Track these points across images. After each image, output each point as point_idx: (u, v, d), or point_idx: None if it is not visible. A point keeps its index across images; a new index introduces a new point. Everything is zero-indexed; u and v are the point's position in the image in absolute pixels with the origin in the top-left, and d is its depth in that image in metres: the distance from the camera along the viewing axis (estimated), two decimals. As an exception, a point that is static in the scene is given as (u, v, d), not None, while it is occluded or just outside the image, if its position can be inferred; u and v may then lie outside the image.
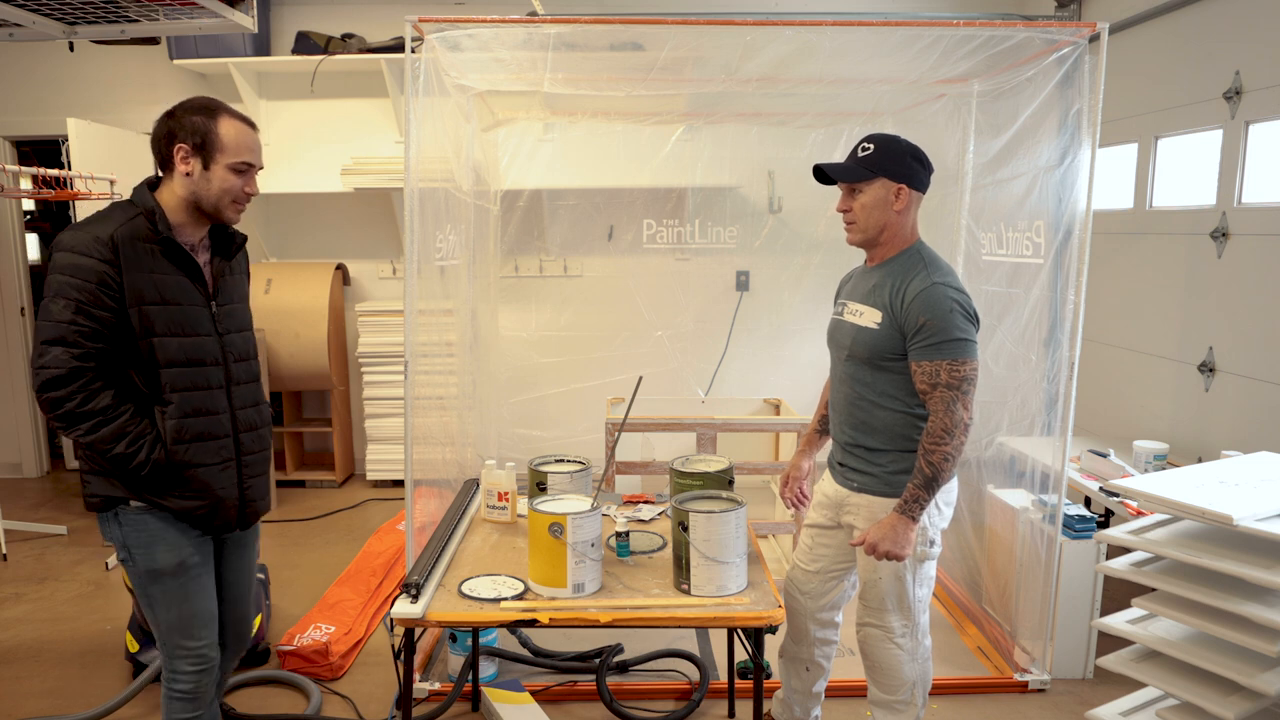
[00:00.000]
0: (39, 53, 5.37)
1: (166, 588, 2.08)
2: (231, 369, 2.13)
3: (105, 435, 1.94)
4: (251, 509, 2.21)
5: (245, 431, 2.16)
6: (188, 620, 2.11)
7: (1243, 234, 3.47)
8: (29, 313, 5.66)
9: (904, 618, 2.36)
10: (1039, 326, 3.25)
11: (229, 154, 2.02)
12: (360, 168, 5.18)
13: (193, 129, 2.00)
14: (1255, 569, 1.91)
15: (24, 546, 4.50)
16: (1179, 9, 3.88)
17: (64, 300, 1.89)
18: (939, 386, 2.14)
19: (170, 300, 2.00)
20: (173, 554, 2.06)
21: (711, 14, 5.03)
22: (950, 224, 3.94)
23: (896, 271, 2.26)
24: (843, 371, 2.37)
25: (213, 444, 2.07)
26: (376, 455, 5.43)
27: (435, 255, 3.07)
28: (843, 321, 2.37)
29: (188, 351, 2.03)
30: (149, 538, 2.05)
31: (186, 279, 2.04)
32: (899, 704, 2.42)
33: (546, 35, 2.93)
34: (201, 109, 2.02)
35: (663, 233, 4.90)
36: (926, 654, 2.42)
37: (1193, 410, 3.75)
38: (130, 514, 2.04)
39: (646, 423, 3.86)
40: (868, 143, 2.24)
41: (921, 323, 2.15)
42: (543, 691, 2.98)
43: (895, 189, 2.23)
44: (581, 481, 2.61)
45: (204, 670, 2.14)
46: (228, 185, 2.03)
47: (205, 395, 2.06)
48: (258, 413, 2.22)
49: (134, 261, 1.94)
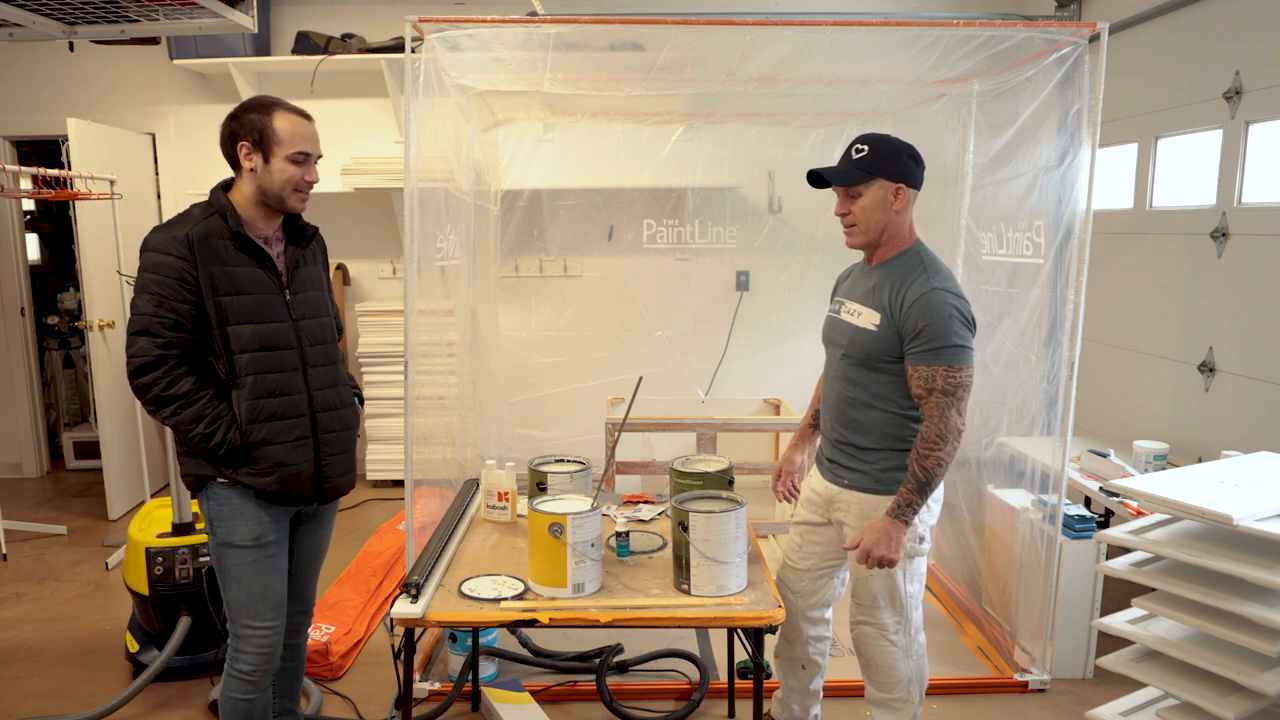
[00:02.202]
0: (39, 53, 5.37)
1: (239, 561, 2.20)
2: (307, 353, 2.25)
3: (186, 418, 2.10)
4: (329, 485, 2.32)
5: (323, 411, 2.28)
6: (255, 598, 2.22)
7: (1243, 234, 3.47)
8: (29, 313, 5.66)
9: (897, 614, 2.36)
10: (1039, 326, 3.25)
11: (285, 145, 2.15)
12: (360, 168, 5.18)
13: (251, 127, 2.14)
14: (1255, 569, 1.91)
15: (24, 546, 4.50)
16: (1179, 9, 3.88)
17: (148, 295, 2.08)
18: (935, 392, 2.14)
19: (244, 290, 2.14)
20: (251, 529, 2.20)
21: (711, 14, 5.03)
22: (950, 224, 3.94)
23: (896, 273, 2.24)
24: (837, 370, 2.37)
25: (287, 423, 2.20)
26: (376, 455, 5.43)
27: (435, 255, 3.07)
28: (839, 320, 2.37)
29: (262, 337, 2.16)
30: (230, 511, 2.19)
31: (260, 270, 2.18)
32: (896, 702, 2.43)
33: (546, 35, 2.93)
34: (258, 107, 2.16)
35: (663, 233, 4.90)
36: (921, 650, 2.42)
37: (1193, 410, 3.75)
38: (216, 489, 2.20)
39: (646, 423, 3.86)
40: (861, 144, 2.23)
41: (920, 327, 2.14)
42: (543, 691, 2.98)
43: (894, 189, 2.22)
44: (581, 481, 2.61)
45: (267, 655, 2.25)
46: (288, 175, 2.16)
47: (279, 378, 2.19)
48: (336, 394, 2.33)
49: (209, 256, 2.10)
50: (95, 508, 5.04)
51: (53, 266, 6.81)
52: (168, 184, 5.52)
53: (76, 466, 5.89)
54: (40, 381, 5.83)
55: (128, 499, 5.02)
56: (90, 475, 5.65)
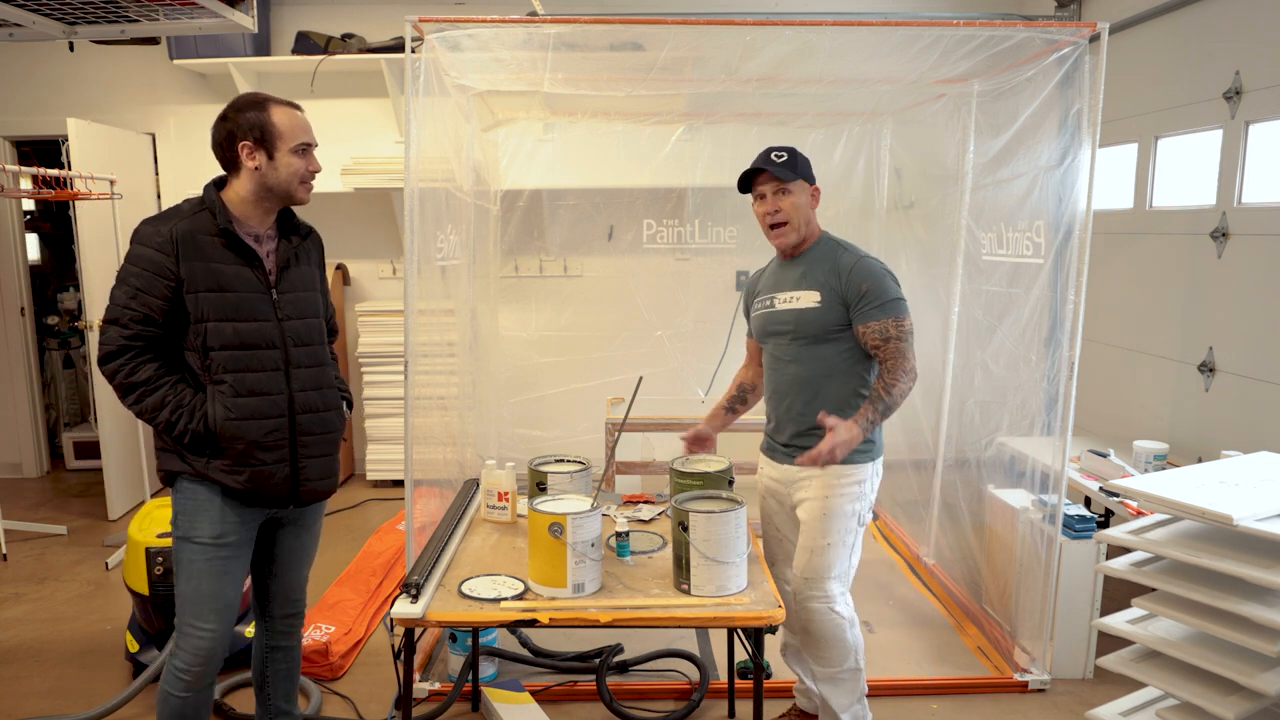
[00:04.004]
0: (39, 53, 5.37)
1: (194, 558, 2.18)
2: (291, 353, 2.23)
3: (150, 404, 2.11)
4: (306, 488, 2.29)
5: (304, 413, 2.25)
6: (203, 598, 2.18)
7: (1243, 234, 3.47)
8: (29, 313, 5.66)
9: (841, 584, 2.50)
10: (1039, 326, 3.25)
11: (288, 139, 2.16)
12: (360, 168, 5.18)
13: (250, 125, 2.13)
14: (1255, 569, 1.91)
15: (24, 546, 4.50)
16: (1179, 9, 3.88)
17: (125, 286, 2.09)
18: (891, 340, 2.39)
19: (228, 288, 2.14)
20: (212, 527, 2.17)
21: (711, 14, 5.03)
22: (950, 224, 3.94)
23: (819, 257, 2.51)
24: (786, 353, 2.53)
25: (264, 423, 2.18)
26: (376, 455, 5.43)
27: (435, 255, 3.07)
28: (777, 311, 2.54)
29: (243, 336, 2.15)
30: (195, 506, 2.18)
31: (246, 268, 2.17)
32: (846, 674, 2.52)
33: (546, 35, 2.93)
34: (251, 104, 2.16)
35: (663, 233, 4.90)
36: (856, 620, 2.54)
37: (1193, 410, 3.75)
38: (185, 482, 2.19)
39: (646, 423, 3.86)
40: (778, 152, 2.48)
41: (865, 290, 2.41)
42: (543, 691, 2.98)
43: (812, 189, 2.53)
44: (581, 481, 2.61)
45: (202, 657, 2.19)
46: (294, 168, 2.17)
47: (259, 377, 2.17)
48: (320, 396, 2.30)
49: (193, 252, 2.10)
50: (95, 508, 5.04)
51: (53, 266, 6.81)
52: (168, 184, 5.52)
53: (76, 466, 5.89)
54: (40, 381, 5.83)
55: (128, 499, 5.02)
56: (90, 475, 5.64)
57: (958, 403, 3.83)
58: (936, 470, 4.04)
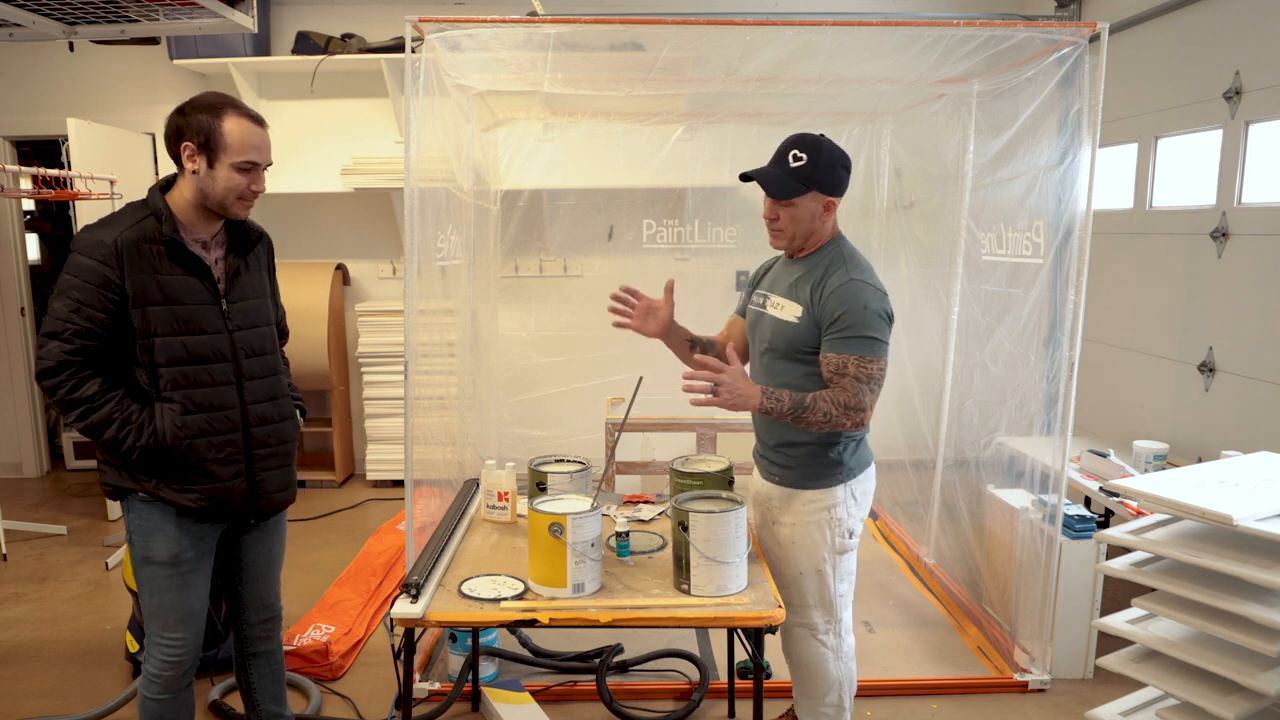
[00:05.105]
0: (39, 53, 5.37)
1: (154, 576, 2.14)
2: (243, 365, 2.16)
3: (95, 421, 2.01)
4: (266, 501, 2.24)
5: (258, 426, 2.20)
6: (168, 612, 2.16)
7: (1243, 234, 3.47)
8: (29, 312, 5.66)
9: (826, 614, 2.38)
10: (1039, 326, 3.25)
11: (233, 153, 2.03)
12: (360, 168, 5.18)
13: (198, 127, 2.02)
14: (1255, 569, 1.91)
15: (24, 546, 4.50)
16: (1179, 9, 3.88)
17: (65, 299, 1.98)
18: (846, 376, 2.12)
19: (175, 300, 2.05)
20: (169, 547, 2.12)
21: (711, 14, 5.03)
22: (950, 224, 3.94)
23: (818, 266, 2.27)
24: (761, 366, 2.37)
25: (218, 439, 2.11)
26: (376, 455, 5.43)
27: (436, 255, 3.07)
28: (764, 314, 2.37)
29: (192, 349, 2.07)
30: (149, 527, 2.12)
31: (194, 278, 2.08)
32: (828, 708, 2.44)
33: (546, 35, 2.93)
34: (208, 107, 2.05)
35: (663, 233, 4.90)
36: (850, 653, 2.44)
37: (1193, 410, 3.75)
38: (137, 503, 2.12)
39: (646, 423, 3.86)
40: (800, 151, 2.19)
41: (837, 315, 2.15)
42: (543, 691, 2.98)
43: (825, 202, 2.23)
44: (581, 481, 2.61)
45: (173, 664, 2.19)
46: (232, 184, 2.05)
47: (210, 392, 2.10)
48: (275, 406, 2.24)
49: (139, 263, 2.00)
50: (95, 508, 5.04)
51: (52, 266, 6.81)
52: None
53: (76, 466, 5.88)
54: (40, 381, 5.82)
55: (128, 499, 5.02)
56: (90, 475, 5.65)
57: (957, 403, 3.83)
58: (936, 470, 4.04)
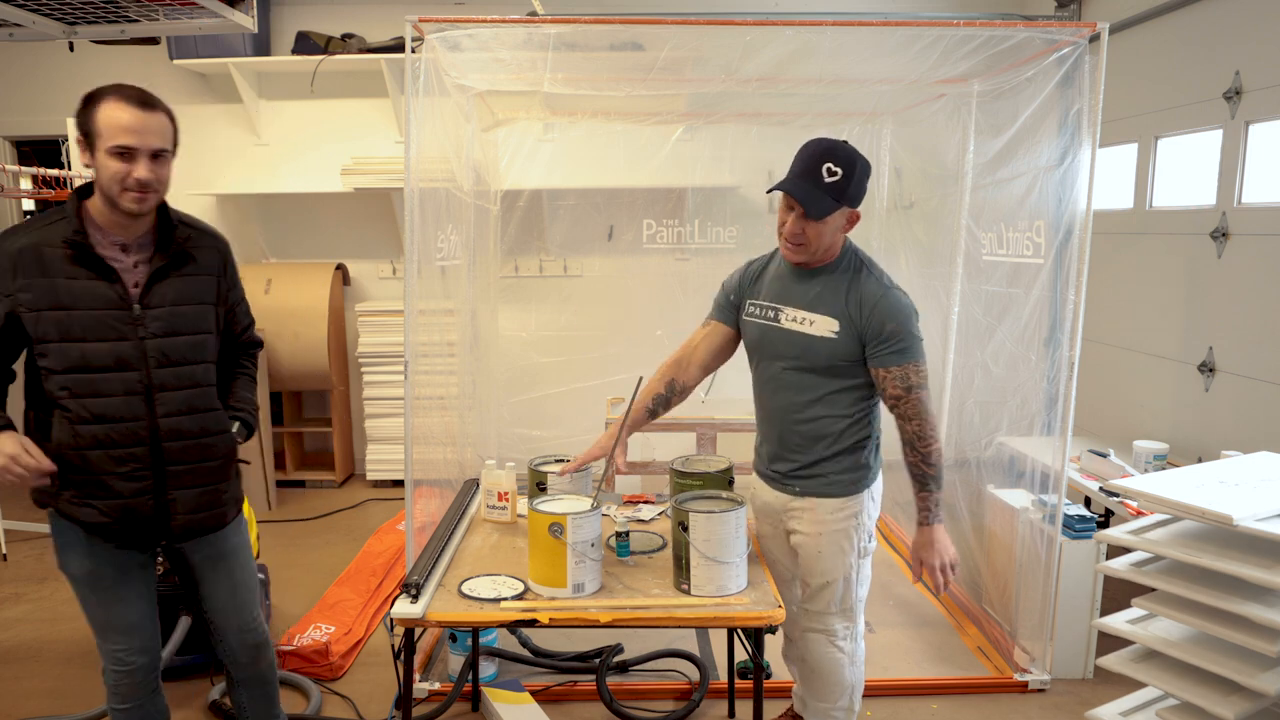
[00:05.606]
0: (39, 53, 5.37)
1: (81, 591, 2.12)
2: (154, 374, 2.01)
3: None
4: (180, 521, 2.09)
5: (171, 440, 2.04)
6: (102, 625, 2.14)
7: (1243, 234, 3.47)
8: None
9: (846, 620, 2.39)
10: (1039, 326, 3.25)
11: (105, 138, 1.93)
12: (360, 168, 5.18)
13: (81, 121, 1.96)
14: (1255, 569, 1.91)
15: (24, 546, 4.50)
16: (1179, 9, 3.88)
17: None
18: (913, 389, 2.20)
19: (74, 306, 1.95)
20: (82, 563, 2.08)
21: (711, 14, 5.03)
22: (950, 224, 3.94)
23: (841, 277, 2.24)
24: (780, 381, 2.31)
25: (117, 451, 1.99)
26: (376, 455, 5.43)
27: (436, 255, 3.07)
28: (783, 329, 2.28)
29: (90, 357, 1.96)
30: (63, 542, 2.08)
31: (100, 282, 1.97)
32: (838, 711, 2.44)
33: (546, 35, 2.93)
34: (89, 97, 1.98)
35: (663, 233, 4.89)
36: (862, 658, 2.45)
37: (1193, 410, 3.75)
38: (53, 514, 2.07)
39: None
40: (835, 165, 2.12)
41: (889, 330, 2.17)
42: (543, 691, 2.98)
43: (850, 215, 2.22)
44: (581, 481, 2.61)
45: (121, 672, 2.16)
46: (111, 171, 1.93)
47: (107, 402, 1.97)
48: (194, 420, 2.08)
49: (35, 268, 1.93)
50: (95, 508, 5.04)
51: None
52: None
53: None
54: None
55: (128, 499, 5.01)
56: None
57: (957, 403, 3.83)
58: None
